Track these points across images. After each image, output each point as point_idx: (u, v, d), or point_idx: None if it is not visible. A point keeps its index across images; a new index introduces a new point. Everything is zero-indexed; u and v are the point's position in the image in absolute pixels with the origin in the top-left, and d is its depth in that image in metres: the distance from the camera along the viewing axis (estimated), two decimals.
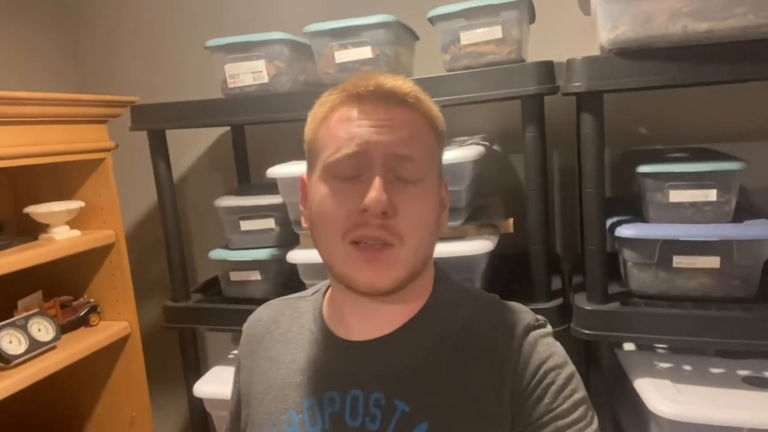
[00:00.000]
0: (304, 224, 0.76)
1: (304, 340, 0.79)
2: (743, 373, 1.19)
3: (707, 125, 1.50)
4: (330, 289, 0.80)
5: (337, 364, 0.74)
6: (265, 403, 0.77)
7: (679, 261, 1.18)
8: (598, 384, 1.28)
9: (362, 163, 0.66)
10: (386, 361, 0.72)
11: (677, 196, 1.18)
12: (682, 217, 1.18)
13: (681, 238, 1.15)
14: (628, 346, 1.37)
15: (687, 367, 1.23)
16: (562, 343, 0.73)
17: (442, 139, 0.75)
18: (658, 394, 1.12)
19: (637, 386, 1.17)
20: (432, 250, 0.73)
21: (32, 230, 1.50)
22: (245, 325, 0.87)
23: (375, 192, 0.64)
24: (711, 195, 1.16)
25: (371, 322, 0.73)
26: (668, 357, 1.28)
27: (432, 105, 0.73)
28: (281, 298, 0.89)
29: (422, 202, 0.69)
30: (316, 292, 0.84)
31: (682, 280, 1.18)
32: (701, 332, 1.12)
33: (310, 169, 0.73)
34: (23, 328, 1.37)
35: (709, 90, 1.46)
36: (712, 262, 1.15)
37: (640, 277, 1.21)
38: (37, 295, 1.57)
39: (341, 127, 0.68)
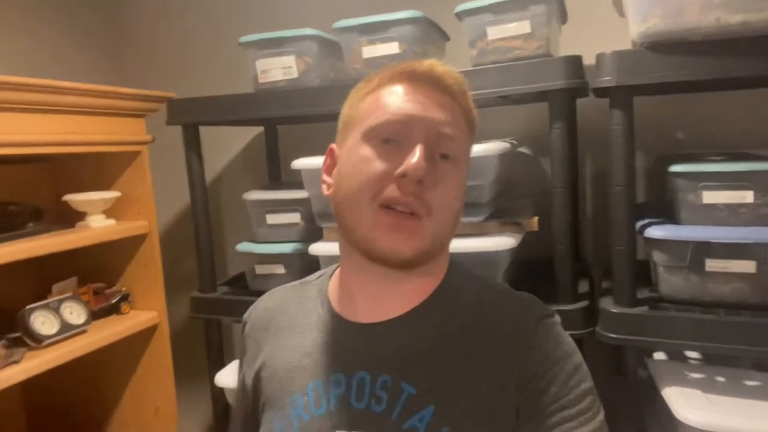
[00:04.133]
0: (326, 191, 0.76)
1: (311, 324, 0.78)
2: None
3: (747, 130, 1.44)
4: (338, 272, 0.80)
5: (344, 346, 0.74)
6: (271, 388, 0.77)
7: (712, 265, 1.12)
8: (624, 392, 1.23)
9: (406, 132, 0.68)
10: (394, 344, 0.71)
11: (711, 197, 1.13)
12: (716, 220, 1.13)
13: (714, 240, 1.10)
14: (659, 356, 1.31)
15: (720, 378, 1.17)
16: (588, 348, 0.72)
17: (473, 139, 0.77)
18: (687, 403, 1.07)
19: (666, 395, 1.12)
20: (451, 234, 0.73)
21: (70, 218, 1.56)
22: (246, 315, 0.88)
23: (417, 158, 0.65)
24: (747, 196, 1.11)
25: (381, 304, 0.73)
26: (700, 368, 1.22)
27: (471, 102, 0.75)
28: (285, 285, 0.89)
29: (456, 182, 0.70)
30: (321, 275, 0.84)
31: (714, 284, 1.13)
32: (734, 340, 1.07)
33: (345, 137, 0.73)
34: (56, 310, 1.42)
35: (749, 93, 1.40)
36: (748, 266, 1.10)
37: (670, 280, 1.17)
38: (72, 281, 1.62)
39: (389, 99, 0.70)
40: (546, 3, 1.18)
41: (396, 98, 0.69)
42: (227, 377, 1.47)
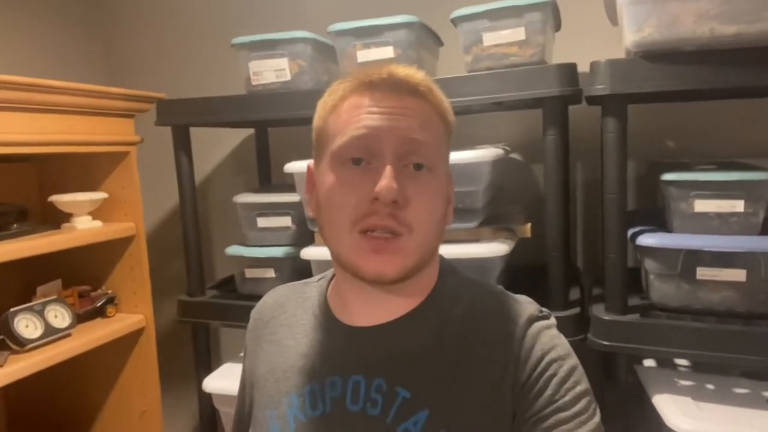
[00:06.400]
0: (310, 213, 0.77)
1: (308, 325, 0.79)
2: None
3: (738, 140, 1.46)
4: (335, 277, 0.80)
5: (340, 349, 0.74)
6: (268, 386, 0.77)
7: (703, 273, 1.13)
8: (614, 399, 1.24)
9: (375, 147, 0.66)
10: (389, 348, 0.71)
11: (702, 206, 1.14)
12: (707, 228, 1.14)
13: (705, 249, 1.11)
14: (648, 363, 1.32)
15: (709, 386, 1.18)
16: (579, 355, 0.71)
17: (451, 132, 0.75)
18: (677, 410, 1.07)
19: (656, 402, 1.12)
20: (438, 242, 0.73)
21: (56, 219, 1.53)
22: (252, 310, 0.88)
23: (386, 180, 0.64)
24: (738, 206, 1.12)
25: (376, 311, 0.73)
26: (690, 375, 1.23)
27: (442, 96, 0.73)
28: (288, 284, 0.89)
29: (432, 192, 0.69)
30: (321, 278, 0.84)
31: (705, 293, 1.14)
32: (724, 348, 1.07)
33: (318, 157, 0.73)
34: (40, 313, 1.39)
35: (741, 103, 1.42)
36: (738, 275, 1.11)
37: (661, 288, 1.17)
38: (57, 283, 1.59)
39: (351, 113, 0.68)
40: (541, 10, 1.19)
41: (359, 112, 0.67)
42: (216, 382, 1.45)
